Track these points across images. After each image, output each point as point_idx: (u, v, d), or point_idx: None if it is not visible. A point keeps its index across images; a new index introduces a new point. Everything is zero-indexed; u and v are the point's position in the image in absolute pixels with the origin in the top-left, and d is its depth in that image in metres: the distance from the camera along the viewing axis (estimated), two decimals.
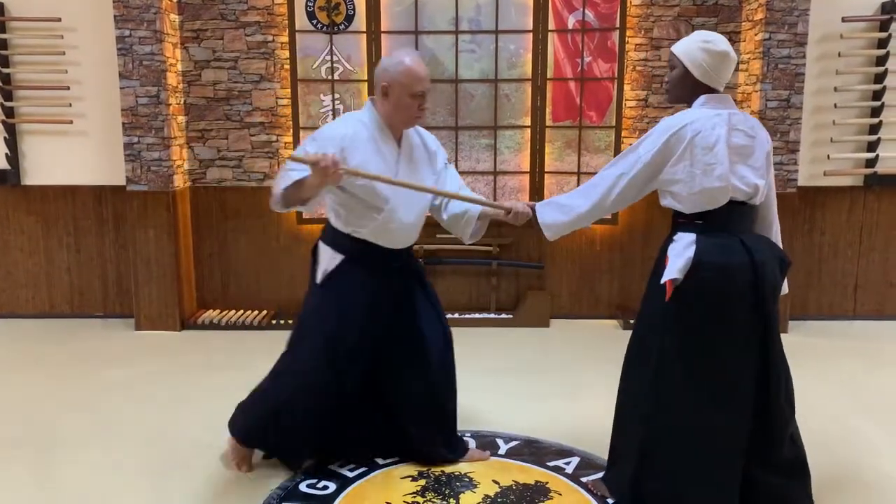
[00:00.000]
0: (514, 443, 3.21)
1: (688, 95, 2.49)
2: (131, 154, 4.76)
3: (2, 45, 4.91)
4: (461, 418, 3.07)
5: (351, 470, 2.94)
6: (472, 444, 3.12)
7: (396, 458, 3.01)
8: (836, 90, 4.91)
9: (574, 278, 5.22)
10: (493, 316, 5.11)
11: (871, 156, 4.97)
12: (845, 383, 4.00)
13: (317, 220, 5.08)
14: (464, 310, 5.14)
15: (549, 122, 5.05)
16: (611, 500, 2.72)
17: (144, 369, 4.18)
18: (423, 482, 2.85)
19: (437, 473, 2.91)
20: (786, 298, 2.74)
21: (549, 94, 5.01)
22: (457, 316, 4.97)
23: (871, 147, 4.98)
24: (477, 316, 5.09)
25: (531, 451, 3.13)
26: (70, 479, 2.91)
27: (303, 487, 2.82)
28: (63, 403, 3.69)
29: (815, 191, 5.04)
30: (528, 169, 5.08)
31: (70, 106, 4.98)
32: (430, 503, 2.70)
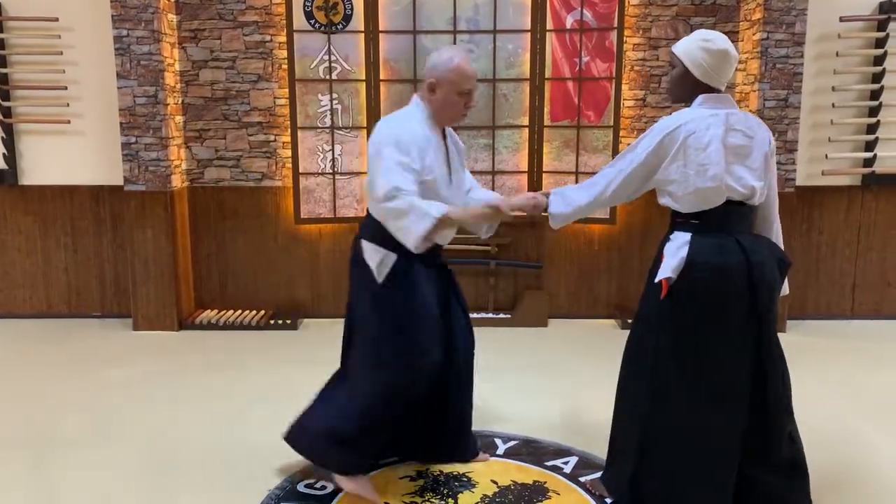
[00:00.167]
0: (512, 443, 3.21)
1: (687, 95, 2.50)
2: (129, 154, 4.76)
3: None
4: None
5: None
6: None
7: (395, 457, 3.01)
8: (833, 90, 4.92)
9: (572, 278, 5.22)
10: (491, 316, 5.11)
11: (869, 155, 4.98)
12: (843, 383, 4.00)
13: (315, 220, 5.09)
14: None
15: (547, 122, 5.05)
16: (609, 500, 2.72)
17: (142, 369, 4.18)
18: (421, 482, 2.85)
19: (435, 473, 2.91)
20: (784, 298, 2.74)
21: (547, 94, 5.01)
22: None
23: (869, 147, 4.99)
24: (475, 315, 5.02)
25: (529, 450, 3.13)
26: (67, 479, 2.91)
27: (301, 487, 2.82)
28: (60, 403, 3.68)
29: (812, 190, 5.04)
30: (527, 168, 5.08)
31: (68, 106, 4.98)
32: (428, 503, 2.71)
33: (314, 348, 4.59)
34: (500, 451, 3.12)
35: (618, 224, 5.08)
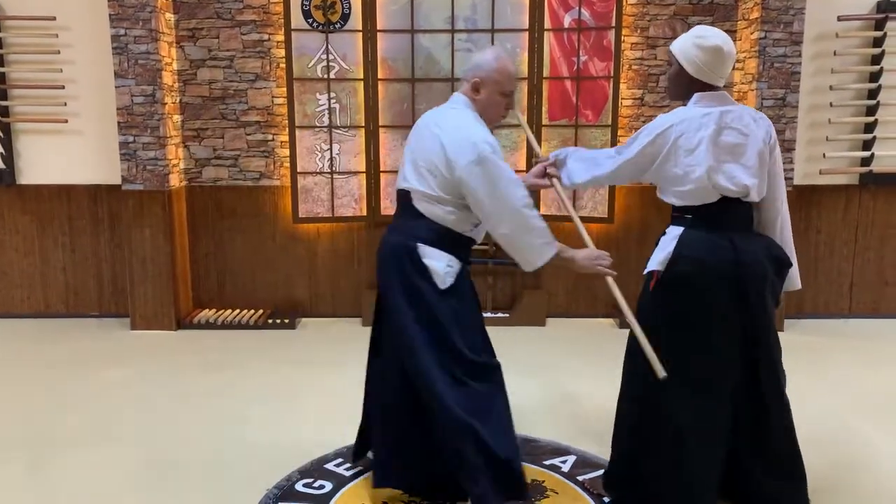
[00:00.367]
0: None
1: (684, 93, 2.51)
2: (127, 153, 4.75)
3: None
4: None
5: (347, 469, 2.94)
6: None
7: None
8: (831, 89, 4.92)
9: (571, 277, 5.21)
10: (489, 315, 5.09)
11: (867, 154, 4.98)
12: (841, 382, 4.01)
13: (313, 219, 5.08)
14: None
15: (546, 121, 5.04)
16: (607, 499, 2.72)
17: (140, 369, 4.17)
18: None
19: None
20: (783, 297, 2.74)
21: (545, 93, 5.01)
22: None
23: (867, 145, 4.99)
24: None
25: (527, 449, 3.12)
26: (65, 479, 2.91)
27: (299, 487, 2.81)
28: (58, 403, 3.68)
29: (810, 189, 5.05)
30: (525, 167, 5.08)
31: (65, 105, 4.97)
32: (426, 502, 2.70)
33: (312, 347, 4.60)
34: None
35: (616, 223, 5.08)
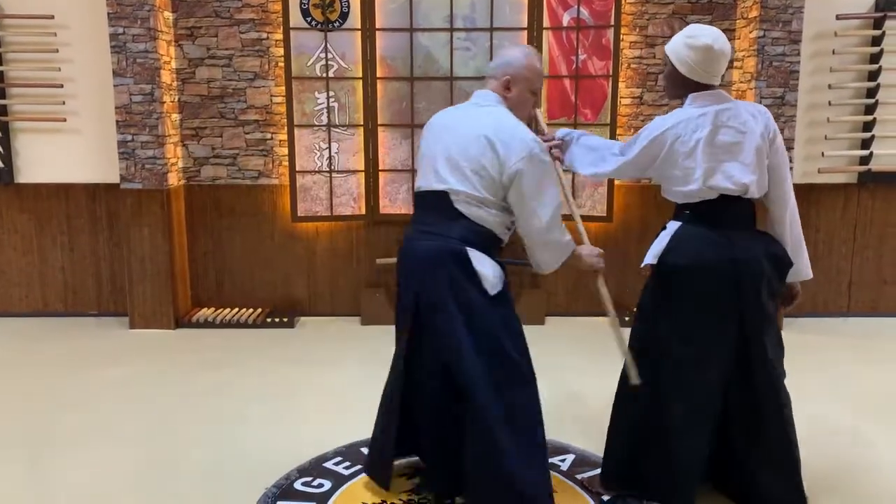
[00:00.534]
0: None
1: (679, 93, 2.54)
2: (125, 152, 4.75)
3: None
4: None
5: (346, 468, 2.94)
6: None
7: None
8: (830, 87, 4.92)
9: (570, 275, 5.20)
10: None
11: (866, 153, 4.98)
12: (839, 380, 4.01)
13: (311, 218, 5.08)
14: None
15: (545, 120, 5.03)
16: (606, 497, 2.73)
17: (139, 368, 4.17)
18: (418, 479, 2.84)
19: None
20: (801, 291, 2.75)
21: (543, 92, 5.01)
22: None
23: (866, 144, 4.99)
24: None
25: None
26: (64, 478, 2.91)
27: (298, 485, 2.81)
28: (57, 402, 3.68)
29: (809, 188, 5.05)
30: None
31: (63, 104, 4.96)
32: (425, 500, 2.70)
33: (311, 346, 4.60)
34: None
35: (615, 221, 5.07)
